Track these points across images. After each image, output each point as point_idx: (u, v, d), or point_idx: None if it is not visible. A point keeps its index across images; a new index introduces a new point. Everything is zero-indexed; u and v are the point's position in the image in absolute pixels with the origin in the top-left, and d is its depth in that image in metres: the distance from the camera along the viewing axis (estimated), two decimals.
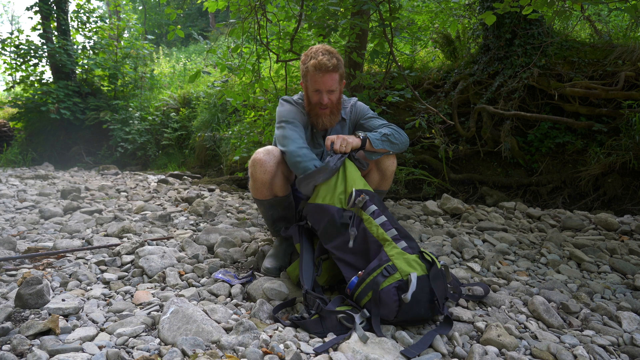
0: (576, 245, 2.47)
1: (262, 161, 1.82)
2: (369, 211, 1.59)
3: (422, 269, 1.43)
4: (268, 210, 1.99)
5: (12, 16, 37.10)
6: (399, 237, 1.53)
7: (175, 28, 3.61)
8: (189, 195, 3.72)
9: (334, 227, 1.61)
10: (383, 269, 1.41)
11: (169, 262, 1.95)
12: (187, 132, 7.39)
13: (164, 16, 18.94)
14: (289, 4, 3.51)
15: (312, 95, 1.91)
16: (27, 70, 8.71)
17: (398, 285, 1.37)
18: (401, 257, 1.44)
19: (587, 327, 1.55)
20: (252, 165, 1.85)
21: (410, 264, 1.43)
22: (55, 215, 2.97)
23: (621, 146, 3.48)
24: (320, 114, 1.93)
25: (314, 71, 1.83)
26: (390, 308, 1.36)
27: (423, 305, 1.38)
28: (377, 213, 1.59)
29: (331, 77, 1.85)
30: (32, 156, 8.37)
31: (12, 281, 1.74)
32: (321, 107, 1.91)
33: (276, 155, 1.85)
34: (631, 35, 4.56)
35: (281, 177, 1.90)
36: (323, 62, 1.81)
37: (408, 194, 4.08)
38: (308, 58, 1.87)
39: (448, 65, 5.23)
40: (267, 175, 1.83)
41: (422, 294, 1.38)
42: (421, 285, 1.37)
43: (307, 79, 1.89)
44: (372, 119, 2.06)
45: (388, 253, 1.47)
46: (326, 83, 1.85)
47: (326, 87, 1.86)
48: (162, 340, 1.28)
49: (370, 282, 1.40)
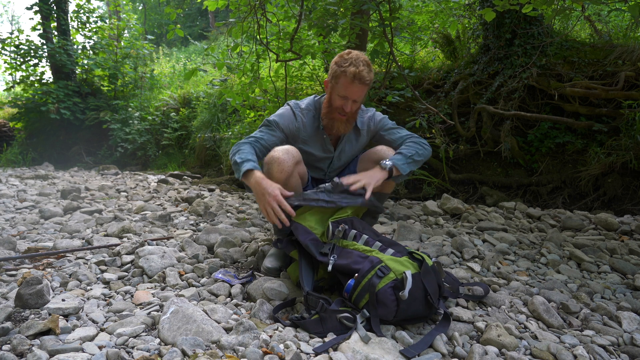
0: (576, 245, 2.47)
1: (281, 160, 1.76)
2: (350, 237, 1.61)
3: (415, 267, 1.45)
4: None
5: (12, 16, 37.10)
6: (385, 247, 1.56)
7: (174, 27, 3.61)
8: (189, 195, 3.72)
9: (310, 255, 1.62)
10: (377, 269, 1.41)
11: (169, 262, 1.95)
12: (187, 132, 7.38)
13: (164, 16, 18.94)
14: (288, 4, 3.51)
15: (335, 100, 1.88)
16: (27, 70, 8.71)
17: (394, 284, 1.37)
18: (392, 260, 1.46)
19: (587, 327, 1.55)
20: (269, 163, 1.79)
21: (403, 263, 1.44)
22: (55, 215, 2.97)
23: (621, 146, 3.48)
24: (336, 118, 1.92)
25: (351, 79, 1.80)
26: (389, 308, 1.36)
27: (420, 302, 1.39)
28: (358, 236, 1.61)
29: (362, 89, 1.84)
30: (32, 156, 8.37)
31: (12, 281, 1.74)
32: (340, 113, 1.90)
33: (294, 156, 1.81)
34: (631, 35, 4.56)
35: (296, 178, 1.86)
36: (363, 75, 1.78)
37: (408, 194, 4.08)
38: (347, 63, 1.81)
39: (448, 65, 5.22)
40: (284, 174, 1.77)
41: (418, 290, 1.39)
42: (416, 282, 1.39)
43: (338, 83, 1.85)
44: (393, 130, 2.03)
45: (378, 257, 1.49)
46: (356, 93, 1.84)
47: (354, 97, 1.85)
48: (162, 340, 1.28)
49: (366, 284, 1.40)
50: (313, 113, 2.02)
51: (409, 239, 2.46)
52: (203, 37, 16.61)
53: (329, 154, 2.06)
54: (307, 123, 2.00)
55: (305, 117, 2.00)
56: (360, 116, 2.05)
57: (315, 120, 2.01)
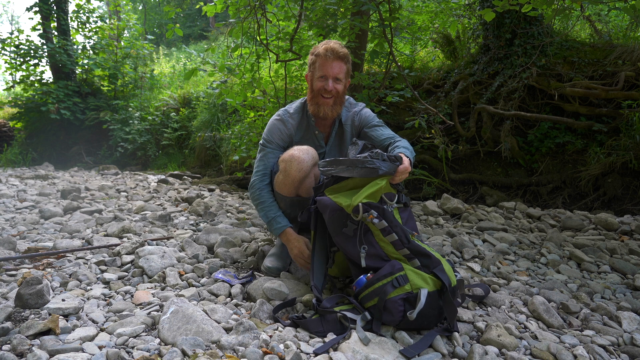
0: (576, 245, 2.47)
1: (301, 159, 1.75)
2: (378, 226, 1.47)
3: (435, 285, 1.38)
4: (287, 207, 1.91)
5: (12, 16, 37.10)
6: (412, 256, 1.45)
7: (174, 26, 3.61)
8: (189, 195, 3.72)
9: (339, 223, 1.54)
10: (394, 278, 1.36)
11: (169, 262, 1.95)
12: (187, 132, 7.39)
13: (164, 16, 18.93)
14: (288, 4, 3.51)
15: (316, 83, 1.89)
16: (27, 70, 8.71)
17: (406, 297, 1.33)
18: (413, 272, 1.39)
19: (587, 327, 1.55)
20: (287, 161, 1.77)
21: (424, 279, 1.38)
22: (55, 215, 2.97)
23: (621, 146, 3.48)
24: (321, 102, 1.90)
25: (324, 54, 1.84)
26: (394, 317, 1.33)
27: (429, 320, 1.35)
28: (388, 230, 1.46)
29: (339, 65, 1.86)
30: (32, 156, 8.37)
31: (12, 281, 1.74)
32: (324, 96, 1.88)
33: (313, 156, 1.80)
34: (631, 35, 4.56)
35: (312, 178, 1.85)
36: (335, 47, 1.85)
37: (408, 194, 4.08)
38: (319, 46, 1.89)
39: (448, 65, 5.23)
40: (302, 173, 1.76)
41: (431, 310, 1.34)
42: (430, 301, 1.33)
43: (315, 67, 1.89)
44: (377, 128, 2.00)
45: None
46: (334, 68, 1.85)
47: (333, 73, 1.86)
48: (162, 340, 1.28)
49: (377, 288, 1.37)
50: (302, 113, 2.02)
51: None
52: (203, 37, 16.61)
53: (320, 149, 2.06)
54: (297, 125, 2.01)
55: (295, 119, 2.01)
56: (347, 110, 2.04)
57: (305, 119, 2.02)
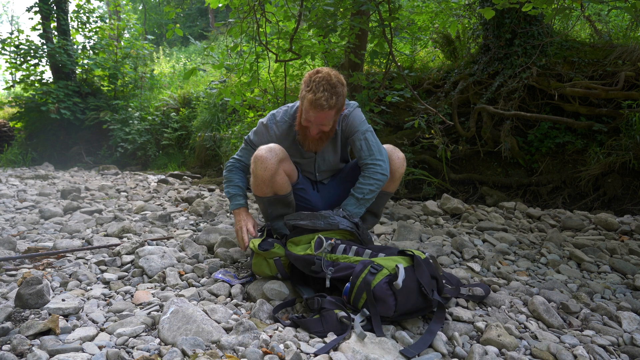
0: (576, 245, 2.47)
1: (264, 158, 1.81)
2: (339, 251, 1.60)
3: (407, 262, 1.46)
4: (267, 207, 1.99)
5: (12, 16, 37.11)
6: (375, 253, 1.57)
7: (174, 27, 3.61)
8: (189, 195, 3.72)
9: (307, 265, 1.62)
10: (370, 267, 1.42)
11: (169, 262, 1.95)
12: (187, 132, 7.38)
13: (164, 16, 18.93)
14: (287, 4, 3.51)
15: (304, 119, 1.86)
16: (27, 70, 8.71)
17: (388, 279, 1.38)
18: (382, 259, 1.47)
19: (587, 327, 1.55)
20: (253, 162, 1.85)
21: (394, 259, 1.46)
22: (55, 215, 2.97)
23: (621, 146, 3.48)
24: (308, 136, 1.93)
25: (308, 105, 1.78)
26: (387, 304, 1.35)
27: (416, 293, 1.39)
28: (348, 248, 1.60)
29: (325, 114, 1.80)
30: (32, 156, 8.37)
31: (12, 281, 1.74)
32: (311, 132, 1.91)
33: (278, 153, 1.84)
34: (631, 35, 4.56)
35: (282, 175, 1.89)
36: (320, 102, 1.74)
37: (408, 194, 4.08)
38: (309, 87, 1.78)
39: (448, 65, 5.23)
40: (268, 172, 1.82)
41: (413, 282, 1.39)
42: (409, 274, 1.40)
43: (303, 105, 1.84)
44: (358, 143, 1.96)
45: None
46: (318, 119, 1.82)
47: (317, 122, 1.84)
48: (162, 340, 1.28)
49: (361, 284, 1.40)
50: (289, 123, 2.02)
51: (409, 239, 2.46)
52: (203, 37, 16.61)
53: (310, 158, 2.07)
54: (281, 135, 2.01)
55: (280, 129, 2.01)
56: None
57: (291, 130, 2.02)
